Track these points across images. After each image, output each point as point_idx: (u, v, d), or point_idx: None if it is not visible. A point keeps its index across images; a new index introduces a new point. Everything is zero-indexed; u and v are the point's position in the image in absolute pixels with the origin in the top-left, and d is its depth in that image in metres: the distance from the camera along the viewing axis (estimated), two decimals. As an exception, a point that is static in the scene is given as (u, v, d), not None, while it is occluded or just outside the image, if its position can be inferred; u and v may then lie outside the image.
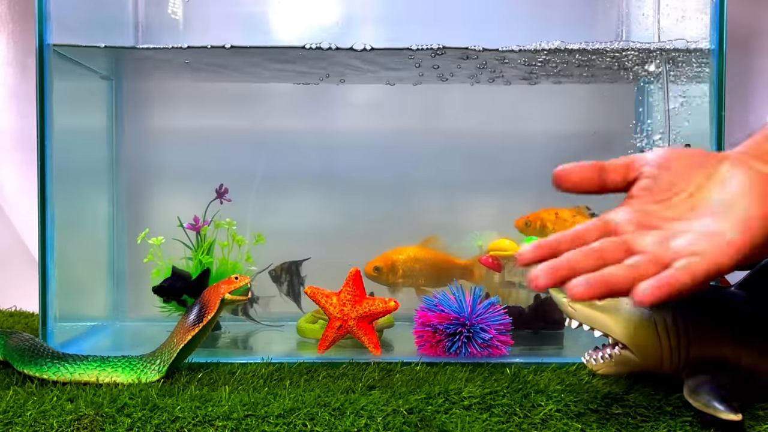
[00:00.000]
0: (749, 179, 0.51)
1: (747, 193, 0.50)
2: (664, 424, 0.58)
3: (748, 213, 0.49)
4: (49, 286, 0.83)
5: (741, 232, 0.49)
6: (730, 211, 0.50)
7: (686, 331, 0.64)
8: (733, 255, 0.48)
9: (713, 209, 0.51)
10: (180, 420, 0.57)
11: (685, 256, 0.48)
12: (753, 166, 0.52)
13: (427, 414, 0.59)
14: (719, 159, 0.53)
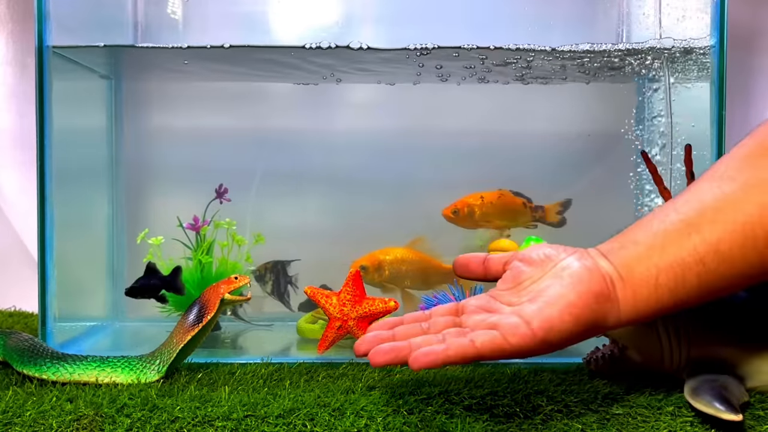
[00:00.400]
0: (578, 272, 0.55)
1: (568, 284, 0.54)
2: (664, 424, 0.58)
3: (558, 302, 0.53)
4: (48, 286, 0.83)
5: (542, 319, 0.53)
6: (542, 297, 0.54)
7: (686, 331, 0.64)
8: (525, 336, 0.52)
9: (533, 294, 0.55)
10: (179, 420, 0.57)
11: (483, 329, 0.53)
12: (592, 261, 0.56)
13: (427, 414, 0.59)
14: (571, 253, 0.57)
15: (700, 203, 0.56)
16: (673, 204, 0.58)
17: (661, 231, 0.56)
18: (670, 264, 0.55)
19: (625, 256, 0.56)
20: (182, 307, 0.92)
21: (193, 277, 0.93)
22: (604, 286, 0.55)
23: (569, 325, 0.53)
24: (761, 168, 0.56)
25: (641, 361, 0.66)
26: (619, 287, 0.55)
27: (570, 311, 0.53)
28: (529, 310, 0.53)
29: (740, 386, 0.61)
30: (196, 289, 0.91)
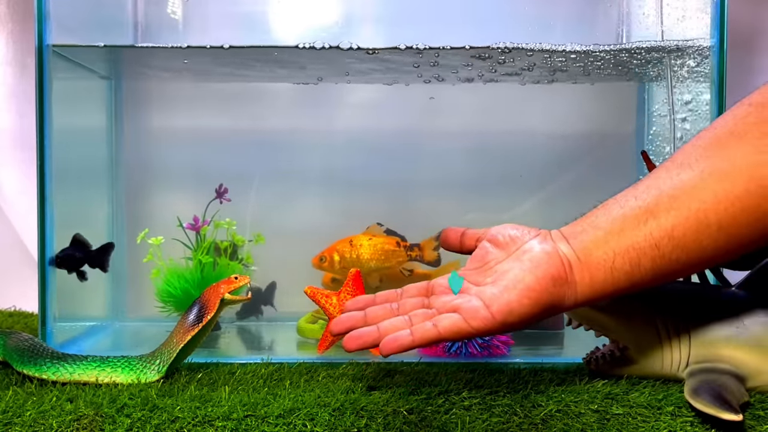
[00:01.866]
0: (537, 255, 0.58)
1: (527, 268, 0.57)
2: (664, 424, 0.58)
3: (516, 286, 0.56)
4: (48, 286, 0.83)
5: (501, 303, 0.56)
6: (502, 280, 0.57)
7: (687, 332, 0.64)
8: (485, 319, 0.55)
9: (496, 276, 0.58)
10: (179, 420, 0.57)
11: (446, 311, 0.57)
12: (552, 245, 0.58)
13: (427, 414, 0.59)
14: (534, 235, 0.60)
15: (658, 190, 0.58)
16: (634, 190, 0.59)
17: (620, 216, 0.58)
18: (626, 248, 0.57)
19: (584, 240, 0.58)
20: (182, 307, 0.92)
21: (193, 276, 0.93)
22: (561, 269, 0.57)
23: (527, 308, 0.56)
24: (717, 157, 0.57)
25: (642, 361, 0.66)
26: (577, 270, 0.57)
27: (528, 295, 0.56)
28: (490, 294, 0.56)
29: (740, 386, 0.61)
30: (196, 289, 0.91)
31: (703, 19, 0.84)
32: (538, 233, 0.60)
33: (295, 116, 1.10)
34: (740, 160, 0.56)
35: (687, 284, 0.72)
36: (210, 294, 0.71)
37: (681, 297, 0.66)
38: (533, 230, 0.60)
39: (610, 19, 1.02)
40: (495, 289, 0.57)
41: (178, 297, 0.93)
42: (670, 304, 0.65)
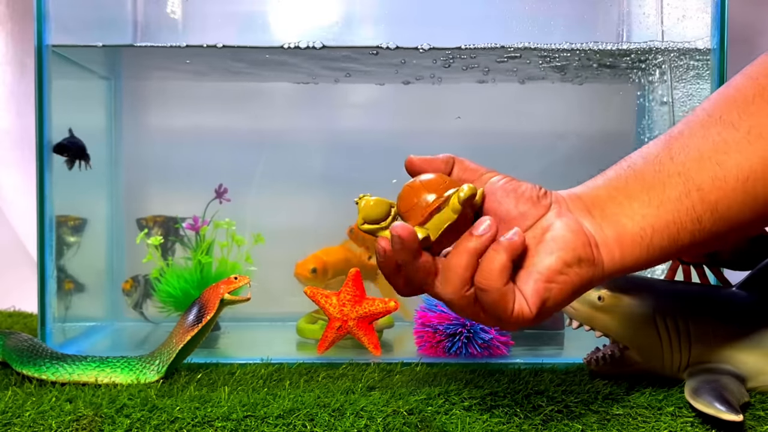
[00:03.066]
0: (562, 236, 0.48)
1: (554, 251, 0.48)
2: (665, 425, 0.58)
3: (545, 273, 0.48)
4: (47, 286, 0.83)
5: (536, 297, 0.47)
6: (533, 272, 0.48)
7: (687, 332, 0.64)
8: (525, 313, 0.47)
9: (522, 262, 0.49)
10: (179, 421, 0.57)
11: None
12: (575, 221, 0.49)
13: (427, 415, 0.58)
14: (546, 205, 0.50)
15: (698, 152, 0.50)
16: (667, 148, 0.51)
17: (658, 185, 0.50)
18: (665, 224, 0.50)
19: (616, 213, 0.50)
20: (182, 307, 0.92)
21: (192, 277, 0.93)
22: (588, 251, 0.48)
23: (556, 299, 0.48)
24: (764, 115, 0.49)
25: (642, 361, 0.66)
26: (605, 249, 0.49)
27: (557, 278, 0.48)
28: (526, 289, 0.48)
29: (741, 386, 0.61)
30: (196, 289, 0.91)
31: (703, 19, 0.84)
32: (549, 204, 0.50)
33: (295, 116, 1.10)
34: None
35: (688, 284, 0.72)
36: (209, 294, 0.71)
37: (682, 297, 0.66)
38: (535, 191, 0.50)
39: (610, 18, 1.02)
40: (529, 281, 0.48)
41: (178, 297, 0.93)
42: (670, 304, 0.65)
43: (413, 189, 0.48)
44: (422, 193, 0.48)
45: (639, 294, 0.66)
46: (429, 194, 0.47)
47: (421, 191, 0.48)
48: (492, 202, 0.50)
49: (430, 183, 0.48)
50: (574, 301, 0.68)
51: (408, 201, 0.48)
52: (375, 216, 0.48)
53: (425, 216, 0.47)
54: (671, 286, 0.69)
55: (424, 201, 0.47)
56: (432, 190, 0.47)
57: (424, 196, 0.47)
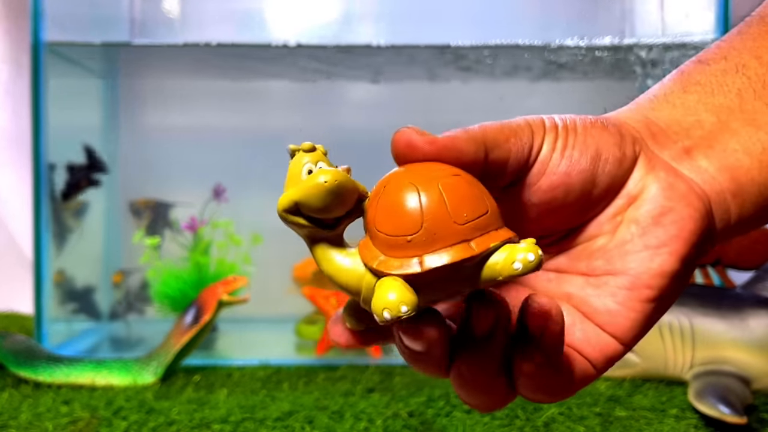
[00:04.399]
0: (666, 211, 0.30)
1: (657, 240, 0.30)
2: (668, 427, 0.57)
3: (645, 283, 0.30)
4: (43, 287, 0.82)
5: (628, 326, 0.30)
6: (620, 278, 0.30)
7: (691, 334, 0.63)
8: (617, 352, 0.30)
9: (598, 266, 0.31)
10: (176, 423, 0.57)
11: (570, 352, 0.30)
12: (680, 176, 0.31)
13: (427, 417, 0.58)
14: (633, 158, 0.31)
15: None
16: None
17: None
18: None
19: (733, 151, 0.31)
20: (179, 307, 0.91)
21: (190, 277, 0.92)
22: (708, 223, 0.31)
23: (665, 310, 0.31)
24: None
25: (645, 363, 0.65)
26: (719, 211, 0.31)
27: (671, 287, 0.30)
28: (613, 314, 0.30)
29: (745, 389, 0.60)
30: (193, 290, 0.91)
31: (706, 16, 0.83)
32: (633, 153, 0.31)
33: (293, 115, 1.10)
34: None
35: (692, 286, 0.72)
36: (207, 295, 0.71)
37: (685, 298, 0.65)
38: (609, 131, 0.31)
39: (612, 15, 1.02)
40: (613, 302, 0.30)
41: (175, 298, 0.92)
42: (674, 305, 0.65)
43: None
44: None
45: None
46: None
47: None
48: (543, 178, 0.30)
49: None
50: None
51: (399, 213, 0.26)
52: (330, 203, 0.27)
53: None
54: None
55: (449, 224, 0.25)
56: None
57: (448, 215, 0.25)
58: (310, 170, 0.27)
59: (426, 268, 0.24)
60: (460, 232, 0.25)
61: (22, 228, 1.15)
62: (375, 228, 0.26)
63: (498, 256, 0.25)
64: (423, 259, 0.24)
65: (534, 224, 0.31)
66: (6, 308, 1.11)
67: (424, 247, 0.25)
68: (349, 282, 0.26)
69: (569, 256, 0.32)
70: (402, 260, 0.25)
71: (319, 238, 0.27)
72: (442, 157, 0.29)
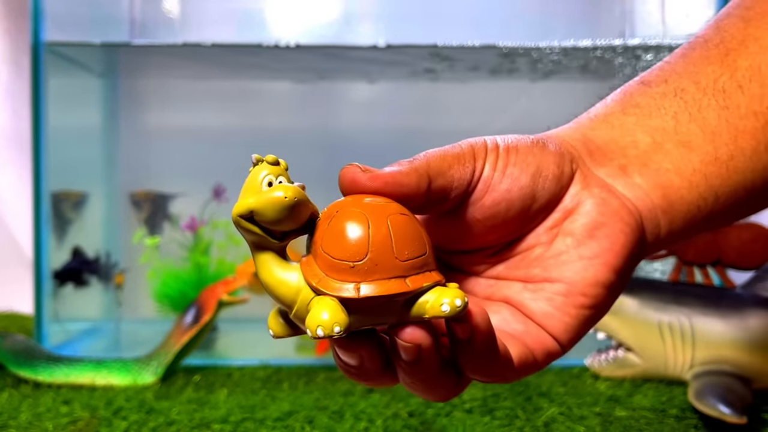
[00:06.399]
0: (600, 224, 0.32)
1: (592, 252, 0.32)
2: (668, 427, 0.57)
3: (583, 292, 0.32)
4: (43, 287, 0.82)
5: (571, 332, 0.32)
6: (556, 284, 0.32)
7: (691, 333, 0.63)
8: (556, 353, 0.32)
9: (537, 274, 0.33)
10: (176, 423, 0.56)
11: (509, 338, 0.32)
12: (615, 198, 0.33)
13: (427, 417, 0.58)
14: (569, 174, 0.33)
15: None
16: (730, 68, 0.35)
17: (727, 129, 0.34)
18: (734, 189, 0.34)
19: (666, 171, 0.34)
20: (179, 307, 0.91)
21: (190, 277, 0.92)
22: (639, 236, 0.33)
23: (599, 317, 0.33)
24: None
25: (645, 363, 0.65)
26: (650, 226, 0.34)
27: (604, 297, 0.32)
28: (550, 317, 0.32)
29: (745, 389, 0.60)
30: (193, 290, 0.91)
31: (707, 16, 0.83)
32: (571, 170, 0.33)
33: (294, 115, 1.10)
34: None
35: (692, 286, 0.72)
36: (207, 295, 0.71)
37: (685, 299, 0.65)
38: (548, 150, 0.33)
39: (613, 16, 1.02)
40: (549, 306, 0.32)
41: (175, 298, 0.92)
42: (674, 305, 0.65)
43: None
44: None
45: (642, 295, 0.66)
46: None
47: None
48: (486, 195, 0.32)
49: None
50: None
51: (346, 240, 0.27)
52: (284, 217, 0.28)
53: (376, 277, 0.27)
54: (675, 288, 0.68)
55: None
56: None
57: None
58: (270, 182, 0.29)
59: (362, 295, 0.26)
60: (399, 267, 0.27)
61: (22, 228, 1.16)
62: (321, 248, 0.27)
63: (428, 296, 0.27)
64: (360, 286, 0.26)
65: (478, 238, 0.33)
66: (6, 308, 1.11)
67: (364, 275, 0.26)
68: (284, 294, 0.28)
69: (508, 264, 0.34)
70: (341, 283, 0.26)
71: (264, 247, 0.28)
72: (385, 191, 0.30)
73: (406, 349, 0.27)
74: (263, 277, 0.28)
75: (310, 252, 0.28)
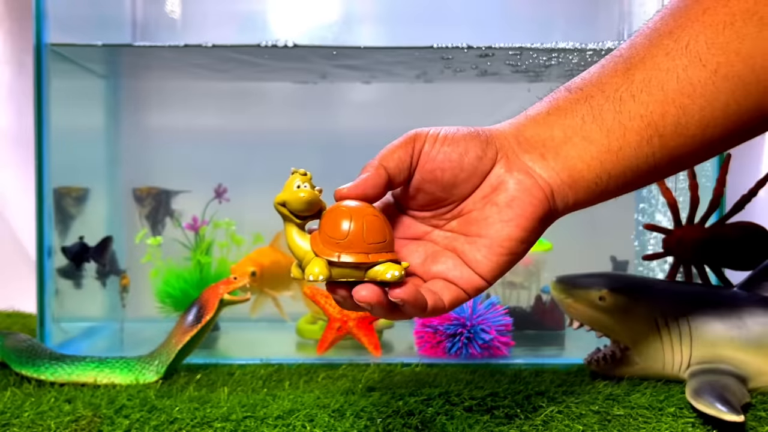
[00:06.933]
0: (516, 196, 0.46)
1: (511, 220, 0.46)
2: (666, 425, 0.58)
3: (502, 244, 0.46)
4: (46, 286, 0.83)
5: (493, 268, 0.46)
6: (483, 239, 0.46)
7: (688, 332, 0.64)
8: (482, 287, 0.46)
9: (470, 228, 0.47)
10: (178, 421, 0.57)
11: (441, 283, 0.46)
12: (529, 177, 0.46)
13: (427, 416, 0.58)
14: (492, 156, 0.47)
15: (663, 94, 0.46)
16: (628, 80, 0.46)
17: (619, 128, 0.46)
18: (623, 171, 0.47)
19: (572, 157, 0.47)
20: (181, 307, 0.92)
21: (192, 277, 0.93)
22: (546, 204, 0.46)
23: (517, 259, 0.47)
24: (732, 53, 0.45)
25: (643, 361, 0.66)
26: (559, 196, 0.47)
27: (517, 249, 0.46)
28: (474, 260, 0.46)
29: (742, 387, 0.60)
30: (195, 290, 0.91)
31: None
32: (494, 154, 0.47)
33: (294, 115, 1.10)
34: (759, 60, 0.44)
35: (689, 284, 0.72)
36: (209, 294, 0.71)
37: (683, 297, 0.66)
38: (479, 139, 0.47)
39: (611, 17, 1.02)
40: (479, 255, 0.46)
41: (177, 297, 0.92)
42: (671, 304, 0.65)
43: (342, 217, 0.43)
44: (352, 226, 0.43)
45: (640, 294, 0.66)
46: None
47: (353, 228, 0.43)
48: (428, 164, 0.46)
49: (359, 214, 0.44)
50: (574, 302, 0.68)
51: (336, 227, 0.43)
52: (303, 208, 0.44)
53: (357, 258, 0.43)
54: (672, 287, 0.68)
55: (357, 240, 0.42)
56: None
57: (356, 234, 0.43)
58: (299, 185, 0.44)
59: (341, 260, 0.42)
60: (366, 247, 0.43)
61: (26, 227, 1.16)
62: (323, 229, 0.44)
63: (381, 267, 0.43)
64: (340, 255, 0.42)
65: (428, 195, 0.47)
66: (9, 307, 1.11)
67: (344, 249, 0.42)
68: (299, 253, 0.44)
69: (459, 222, 0.48)
70: (330, 251, 0.42)
71: (292, 223, 0.45)
72: (364, 193, 0.45)
73: (359, 302, 0.42)
74: (289, 241, 0.44)
75: (317, 230, 0.44)
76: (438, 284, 0.46)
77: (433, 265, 0.47)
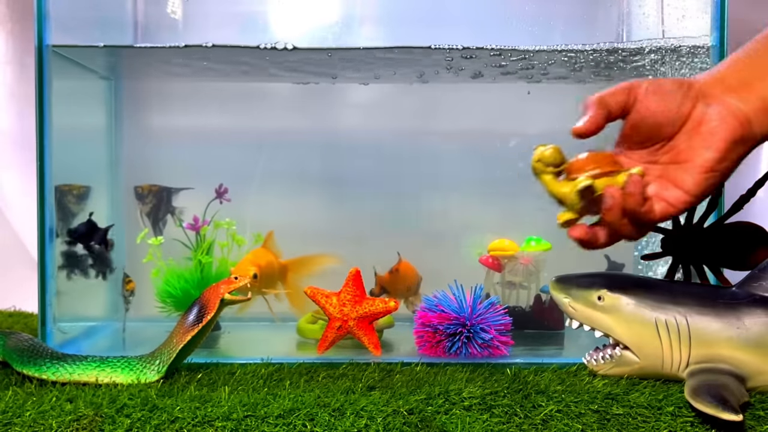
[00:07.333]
0: (717, 126, 0.58)
1: (710, 142, 0.58)
2: (664, 424, 0.58)
3: (704, 165, 0.58)
4: (48, 286, 0.83)
5: (698, 186, 0.59)
6: (690, 163, 0.59)
7: (687, 332, 0.64)
8: (688, 203, 0.59)
9: (677, 156, 0.60)
10: (179, 420, 0.57)
11: (654, 198, 0.60)
12: (728, 106, 0.58)
13: (427, 415, 0.58)
14: (694, 98, 0.59)
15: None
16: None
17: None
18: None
19: (765, 89, 0.58)
20: (182, 307, 0.92)
21: (192, 277, 0.93)
22: (741, 130, 0.58)
23: (720, 178, 0.59)
24: None
25: (642, 361, 0.66)
26: (756, 121, 0.58)
27: (717, 166, 0.58)
28: (682, 181, 0.59)
29: (740, 386, 0.61)
30: (196, 289, 0.91)
31: (703, 19, 0.84)
32: (696, 95, 0.59)
33: (295, 116, 1.10)
34: None
35: (688, 284, 0.72)
36: (210, 294, 0.71)
37: (682, 297, 0.66)
38: (682, 88, 0.59)
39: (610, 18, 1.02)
40: (686, 175, 0.59)
41: (178, 297, 0.93)
42: (670, 304, 0.65)
43: (594, 156, 0.60)
44: (594, 162, 0.60)
45: (639, 294, 0.66)
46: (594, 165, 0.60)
47: (591, 161, 0.60)
48: (642, 109, 0.60)
49: (599, 157, 0.61)
50: (574, 302, 0.69)
51: (589, 161, 0.60)
52: (552, 160, 0.60)
53: (600, 173, 0.59)
54: (671, 286, 0.69)
55: (603, 162, 0.60)
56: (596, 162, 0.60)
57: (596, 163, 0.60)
58: (574, 178, 0.60)
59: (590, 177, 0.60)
60: (613, 166, 0.61)
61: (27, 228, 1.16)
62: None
63: (625, 174, 0.59)
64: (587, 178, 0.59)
65: (645, 132, 0.61)
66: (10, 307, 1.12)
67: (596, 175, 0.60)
68: (559, 194, 0.61)
69: (670, 155, 0.60)
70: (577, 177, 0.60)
71: (549, 174, 0.61)
72: (597, 125, 0.61)
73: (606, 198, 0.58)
74: (549, 188, 0.61)
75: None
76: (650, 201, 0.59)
77: (647, 188, 0.60)
